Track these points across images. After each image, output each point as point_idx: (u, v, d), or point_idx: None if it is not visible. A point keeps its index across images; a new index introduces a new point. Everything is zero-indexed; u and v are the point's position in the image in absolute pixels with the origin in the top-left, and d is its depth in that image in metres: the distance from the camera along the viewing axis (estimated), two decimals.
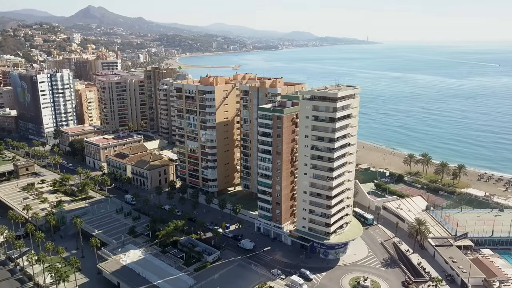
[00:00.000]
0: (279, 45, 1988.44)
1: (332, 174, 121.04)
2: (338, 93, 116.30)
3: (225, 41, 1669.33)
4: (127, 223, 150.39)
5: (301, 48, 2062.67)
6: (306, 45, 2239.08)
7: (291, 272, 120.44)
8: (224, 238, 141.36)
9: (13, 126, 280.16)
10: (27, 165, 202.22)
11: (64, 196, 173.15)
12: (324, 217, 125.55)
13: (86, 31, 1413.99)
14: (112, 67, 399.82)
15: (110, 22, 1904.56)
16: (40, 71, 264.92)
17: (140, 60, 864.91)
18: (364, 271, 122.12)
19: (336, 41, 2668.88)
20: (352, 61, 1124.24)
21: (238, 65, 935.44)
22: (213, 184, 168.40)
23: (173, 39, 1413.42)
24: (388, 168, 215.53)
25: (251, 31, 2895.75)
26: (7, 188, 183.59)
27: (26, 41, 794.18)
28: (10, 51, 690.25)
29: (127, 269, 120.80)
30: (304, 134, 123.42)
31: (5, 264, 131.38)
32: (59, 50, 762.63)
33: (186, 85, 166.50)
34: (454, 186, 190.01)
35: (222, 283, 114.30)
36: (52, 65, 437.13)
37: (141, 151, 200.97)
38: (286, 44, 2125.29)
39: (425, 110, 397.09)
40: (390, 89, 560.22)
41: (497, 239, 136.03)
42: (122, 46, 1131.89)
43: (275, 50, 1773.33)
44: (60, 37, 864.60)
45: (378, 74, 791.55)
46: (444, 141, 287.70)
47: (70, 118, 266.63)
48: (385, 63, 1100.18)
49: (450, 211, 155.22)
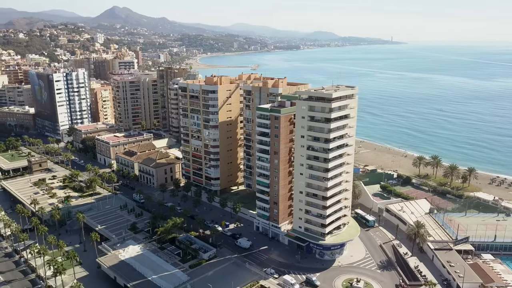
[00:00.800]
0: (301, 45, 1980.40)
1: (327, 175, 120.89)
2: (333, 94, 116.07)
3: (246, 41, 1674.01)
4: (129, 219, 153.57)
5: (323, 48, 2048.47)
6: (328, 45, 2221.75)
7: (285, 272, 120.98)
8: (223, 236, 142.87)
9: (31, 123, 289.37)
10: (40, 161, 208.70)
11: (72, 192, 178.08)
12: (320, 218, 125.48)
13: (111, 31, 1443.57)
14: (128, 66, 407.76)
15: (134, 22, 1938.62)
16: (56, 70, 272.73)
17: (161, 60, 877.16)
18: (359, 273, 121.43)
19: (359, 41, 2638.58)
20: (373, 62, 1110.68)
21: (257, 65, 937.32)
22: (216, 183, 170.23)
23: (195, 39, 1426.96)
24: (397, 170, 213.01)
25: (273, 31, 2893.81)
26: (20, 183, 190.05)
27: (51, 41, 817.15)
28: (36, 51, 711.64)
29: (125, 264, 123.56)
30: (300, 134, 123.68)
31: (11, 256, 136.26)
32: (83, 50, 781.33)
33: (190, 85, 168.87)
34: (463, 190, 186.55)
35: (215, 281, 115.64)
36: (73, 65, 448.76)
37: (149, 149, 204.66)
38: (307, 44, 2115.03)
39: (442, 112, 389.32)
40: (408, 90, 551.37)
41: (499, 244, 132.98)
42: (144, 46, 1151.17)
43: (296, 50, 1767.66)
44: (84, 37, 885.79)
45: (399, 74, 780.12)
46: (457, 144, 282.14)
47: (85, 116, 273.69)
48: (407, 63, 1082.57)
49: (454, 215, 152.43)
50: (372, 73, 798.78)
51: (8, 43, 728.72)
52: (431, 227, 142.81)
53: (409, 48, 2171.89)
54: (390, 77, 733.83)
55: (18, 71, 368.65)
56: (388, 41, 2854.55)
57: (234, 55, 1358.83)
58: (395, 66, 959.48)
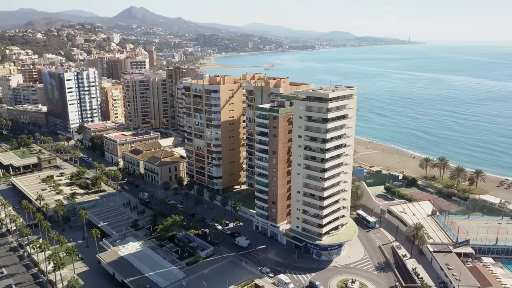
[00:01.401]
0: (316, 45, 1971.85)
1: (324, 175, 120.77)
2: (330, 94, 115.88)
3: (261, 41, 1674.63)
4: (132, 216, 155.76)
5: (338, 48, 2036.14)
6: (344, 45, 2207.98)
7: (281, 271, 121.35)
8: (222, 235, 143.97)
9: (43, 121, 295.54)
10: (49, 158, 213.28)
11: (78, 189, 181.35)
12: (317, 218, 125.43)
13: (127, 31, 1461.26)
14: (140, 66, 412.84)
15: (150, 22, 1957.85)
16: (67, 70, 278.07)
17: (175, 60, 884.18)
18: (356, 274, 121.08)
19: (376, 41, 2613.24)
20: (389, 62, 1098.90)
21: (271, 65, 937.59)
22: (218, 182, 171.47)
23: (210, 39, 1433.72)
24: (404, 171, 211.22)
25: (289, 31, 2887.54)
26: (29, 180, 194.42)
27: (68, 40, 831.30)
28: (53, 50, 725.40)
29: (123, 260, 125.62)
30: (297, 134, 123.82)
31: (16, 250, 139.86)
32: (99, 50, 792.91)
33: (194, 84, 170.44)
34: (470, 192, 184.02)
35: (211, 278, 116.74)
36: (87, 64, 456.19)
37: (155, 148, 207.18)
38: (323, 44, 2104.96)
39: (453, 114, 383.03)
40: (421, 91, 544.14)
41: (501, 248, 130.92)
42: (160, 46, 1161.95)
43: (311, 50, 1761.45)
44: (100, 37, 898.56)
45: (415, 75, 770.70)
46: (466, 146, 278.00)
47: (95, 115, 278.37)
48: (424, 64, 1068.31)
49: (457, 217, 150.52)
50: (386, 73, 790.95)
51: (26, 42, 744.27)
52: (432, 229, 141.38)
53: (427, 48, 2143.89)
54: (405, 77, 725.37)
55: (32, 70, 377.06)
56: (405, 41, 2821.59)
57: (248, 55, 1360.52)
58: (410, 67, 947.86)
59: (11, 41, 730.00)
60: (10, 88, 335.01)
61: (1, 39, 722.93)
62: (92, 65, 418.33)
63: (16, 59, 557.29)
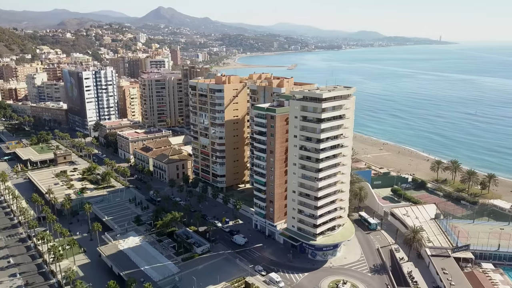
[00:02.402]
0: (343, 45, 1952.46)
1: (318, 175, 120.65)
2: (324, 94, 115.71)
3: (287, 41, 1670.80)
4: (136, 212, 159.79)
5: (366, 48, 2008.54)
6: (371, 45, 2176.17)
7: (274, 270, 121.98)
8: (222, 232, 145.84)
9: (63, 118, 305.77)
10: (65, 154, 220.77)
11: (89, 184, 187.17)
12: (312, 218, 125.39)
13: (155, 30, 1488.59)
14: (159, 65, 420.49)
15: (178, 22, 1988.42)
16: (86, 68, 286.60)
17: (199, 59, 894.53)
18: (349, 275, 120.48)
19: (405, 41, 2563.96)
20: (417, 62, 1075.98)
21: (295, 65, 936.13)
22: (222, 180, 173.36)
23: (235, 39, 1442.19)
24: (415, 174, 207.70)
25: (316, 30, 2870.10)
26: (44, 174, 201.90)
27: (96, 40, 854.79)
28: (81, 50, 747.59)
29: (122, 254, 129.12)
30: (293, 133, 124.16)
31: (24, 241, 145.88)
32: (125, 49, 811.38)
33: (199, 84, 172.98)
34: (481, 197, 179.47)
35: (203, 274, 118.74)
36: (110, 63, 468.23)
37: (165, 146, 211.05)
38: (350, 44, 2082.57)
39: (474, 117, 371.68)
40: (447, 93, 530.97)
41: (503, 254, 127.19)
42: (185, 46, 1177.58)
43: (337, 50, 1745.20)
44: (127, 36, 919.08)
45: (443, 76, 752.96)
46: (483, 150, 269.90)
47: (112, 113, 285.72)
48: (454, 64, 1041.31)
49: (461, 222, 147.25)
50: (412, 74, 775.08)
51: (56, 42, 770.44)
52: (433, 233, 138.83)
53: (459, 48, 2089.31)
54: (432, 78, 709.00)
55: (56, 69, 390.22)
56: (436, 41, 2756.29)
57: (273, 55, 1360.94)
58: (439, 67, 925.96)
59: (42, 41, 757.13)
60: (35, 86, 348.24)
61: (33, 39, 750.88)
62: (114, 64, 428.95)
63: (45, 58, 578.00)
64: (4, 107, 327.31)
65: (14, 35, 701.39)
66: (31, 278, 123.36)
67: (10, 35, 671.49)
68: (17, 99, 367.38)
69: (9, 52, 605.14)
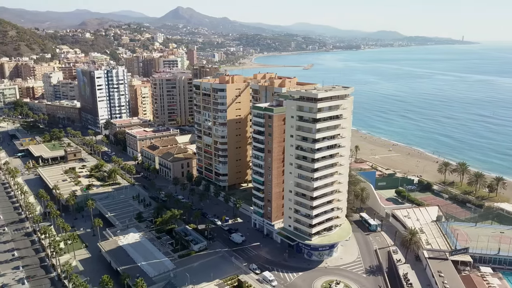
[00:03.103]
0: (361, 45, 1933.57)
1: (313, 175, 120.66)
2: (319, 94, 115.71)
3: (305, 41, 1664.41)
4: (138, 208, 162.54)
5: (385, 48, 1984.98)
6: (391, 45, 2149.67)
7: (269, 268, 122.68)
8: (221, 230, 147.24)
9: (77, 116, 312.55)
10: (75, 151, 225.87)
11: (96, 181, 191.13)
12: (308, 218, 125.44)
13: (173, 30, 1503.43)
14: (172, 64, 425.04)
15: (196, 22, 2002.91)
16: (98, 68, 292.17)
17: (215, 59, 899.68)
18: (344, 276, 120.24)
19: (426, 41, 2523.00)
20: (436, 63, 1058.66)
21: (311, 65, 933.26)
22: (224, 179, 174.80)
23: (252, 39, 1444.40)
24: (422, 175, 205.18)
25: (335, 30, 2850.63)
26: (54, 171, 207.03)
27: (115, 40, 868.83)
28: (100, 49, 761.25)
29: (121, 250, 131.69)
30: (289, 133, 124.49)
31: (30, 235, 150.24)
32: (143, 49, 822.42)
33: (203, 83, 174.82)
34: (489, 200, 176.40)
35: (198, 271, 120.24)
36: (125, 63, 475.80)
37: (171, 144, 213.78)
38: (369, 44, 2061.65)
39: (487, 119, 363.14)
40: (463, 94, 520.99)
41: (503, 258, 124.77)
42: (203, 45, 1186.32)
43: (356, 50, 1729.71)
44: (145, 36, 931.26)
45: (461, 76, 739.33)
46: (495, 153, 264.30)
47: (123, 111, 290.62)
48: (474, 65, 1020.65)
49: (463, 224, 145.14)
50: (429, 74, 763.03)
51: (76, 42, 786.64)
52: (433, 235, 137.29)
53: (481, 48, 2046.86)
54: (449, 79, 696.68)
55: (72, 68, 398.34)
56: (458, 41, 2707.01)
57: (290, 55, 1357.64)
58: (458, 68, 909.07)
59: (62, 41, 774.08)
60: (51, 85, 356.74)
61: (53, 39, 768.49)
62: (129, 63, 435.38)
63: (64, 57, 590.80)
64: (21, 105, 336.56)
65: (35, 35, 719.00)
66: (33, 271, 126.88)
67: (31, 35, 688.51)
68: (34, 97, 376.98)
69: (29, 52, 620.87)
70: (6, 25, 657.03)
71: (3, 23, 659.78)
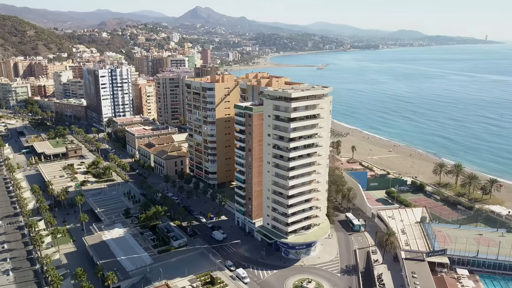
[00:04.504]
0: (380, 45, 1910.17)
1: (289, 174, 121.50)
2: (293, 94, 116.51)
3: (322, 40, 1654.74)
4: (128, 205, 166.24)
5: (404, 48, 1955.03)
6: (410, 45, 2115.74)
7: (245, 266, 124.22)
8: (204, 227, 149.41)
9: (83, 114, 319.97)
10: (75, 148, 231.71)
11: (91, 177, 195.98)
12: (284, 216, 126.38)
13: (191, 30, 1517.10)
14: (179, 64, 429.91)
15: (214, 21, 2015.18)
16: (102, 67, 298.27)
17: (229, 59, 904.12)
18: (317, 274, 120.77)
19: (447, 40, 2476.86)
20: (454, 63, 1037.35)
21: (325, 64, 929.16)
22: (213, 177, 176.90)
23: (269, 38, 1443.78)
24: (417, 176, 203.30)
25: (354, 29, 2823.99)
26: (53, 167, 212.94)
27: (131, 39, 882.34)
28: (115, 49, 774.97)
29: (103, 244, 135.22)
30: (267, 132, 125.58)
31: (21, 229, 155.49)
32: (158, 48, 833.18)
33: (193, 82, 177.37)
34: (482, 202, 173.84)
35: (173, 267, 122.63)
36: (136, 62, 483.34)
37: (168, 143, 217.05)
38: (388, 44, 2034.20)
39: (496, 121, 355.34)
40: (475, 95, 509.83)
41: (482, 261, 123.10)
42: (219, 45, 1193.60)
43: (374, 50, 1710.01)
44: (161, 36, 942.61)
45: (478, 77, 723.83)
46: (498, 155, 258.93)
47: (127, 110, 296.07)
48: (494, 65, 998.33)
49: (447, 226, 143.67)
50: (445, 74, 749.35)
51: (92, 41, 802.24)
52: (414, 236, 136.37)
53: (505, 48, 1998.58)
54: (464, 79, 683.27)
55: (82, 67, 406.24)
56: (481, 41, 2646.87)
57: (306, 54, 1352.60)
58: (477, 68, 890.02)
59: (79, 40, 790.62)
60: (61, 83, 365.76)
61: (71, 38, 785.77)
62: (139, 63, 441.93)
63: (80, 56, 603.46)
64: (32, 103, 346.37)
65: (53, 34, 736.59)
66: (20, 263, 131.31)
67: (49, 35, 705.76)
68: (45, 95, 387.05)
69: (47, 51, 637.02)
70: (25, 25, 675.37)
71: (22, 23, 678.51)
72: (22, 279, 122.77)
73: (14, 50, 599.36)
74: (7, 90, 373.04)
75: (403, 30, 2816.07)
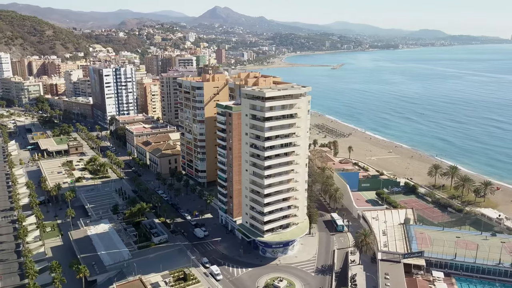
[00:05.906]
0: (400, 45, 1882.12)
1: (264, 173, 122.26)
2: (267, 93, 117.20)
3: (340, 40, 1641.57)
4: (118, 201, 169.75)
5: (425, 47, 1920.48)
6: (432, 45, 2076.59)
7: (221, 263, 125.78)
8: (188, 225, 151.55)
9: (89, 112, 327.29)
10: (77, 145, 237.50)
11: (88, 174, 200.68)
12: (261, 215, 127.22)
13: (209, 29, 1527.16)
14: (187, 63, 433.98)
15: (233, 21, 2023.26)
16: (107, 66, 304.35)
17: (244, 58, 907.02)
18: (291, 273, 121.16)
19: (470, 40, 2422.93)
20: (473, 63, 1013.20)
21: (340, 64, 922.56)
22: (203, 175, 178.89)
23: (286, 38, 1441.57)
24: (412, 178, 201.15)
25: (374, 29, 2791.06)
26: (53, 163, 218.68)
27: (147, 39, 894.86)
28: (131, 49, 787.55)
29: (87, 239, 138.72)
30: (245, 131, 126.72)
31: (14, 222, 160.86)
32: (173, 48, 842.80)
33: (184, 81, 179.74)
34: (475, 204, 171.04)
35: (150, 262, 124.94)
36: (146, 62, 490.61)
37: (164, 141, 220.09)
38: (408, 44, 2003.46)
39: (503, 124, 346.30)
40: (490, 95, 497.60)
41: (459, 264, 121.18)
42: (236, 45, 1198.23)
43: (393, 50, 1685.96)
44: (177, 35, 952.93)
45: (496, 77, 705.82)
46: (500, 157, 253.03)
47: (131, 108, 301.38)
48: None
49: (430, 228, 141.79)
50: (462, 75, 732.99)
51: (109, 41, 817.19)
52: (395, 237, 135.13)
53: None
54: (481, 80, 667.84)
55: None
56: (506, 40, 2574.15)
57: (324, 54, 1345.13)
58: (497, 68, 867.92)
59: (97, 40, 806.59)
60: (71, 82, 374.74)
61: (89, 38, 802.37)
62: (149, 62, 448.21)
63: (95, 56, 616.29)
64: (42, 101, 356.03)
65: (71, 34, 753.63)
66: (7, 255, 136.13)
67: (67, 34, 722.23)
68: (57, 93, 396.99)
69: (64, 50, 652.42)
70: (44, 25, 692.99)
71: (41, 23, 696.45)
72: (6, 270, 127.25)
73: (33, 50, 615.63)
74: (20, 88, 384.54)
75: (425, 30, 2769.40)
